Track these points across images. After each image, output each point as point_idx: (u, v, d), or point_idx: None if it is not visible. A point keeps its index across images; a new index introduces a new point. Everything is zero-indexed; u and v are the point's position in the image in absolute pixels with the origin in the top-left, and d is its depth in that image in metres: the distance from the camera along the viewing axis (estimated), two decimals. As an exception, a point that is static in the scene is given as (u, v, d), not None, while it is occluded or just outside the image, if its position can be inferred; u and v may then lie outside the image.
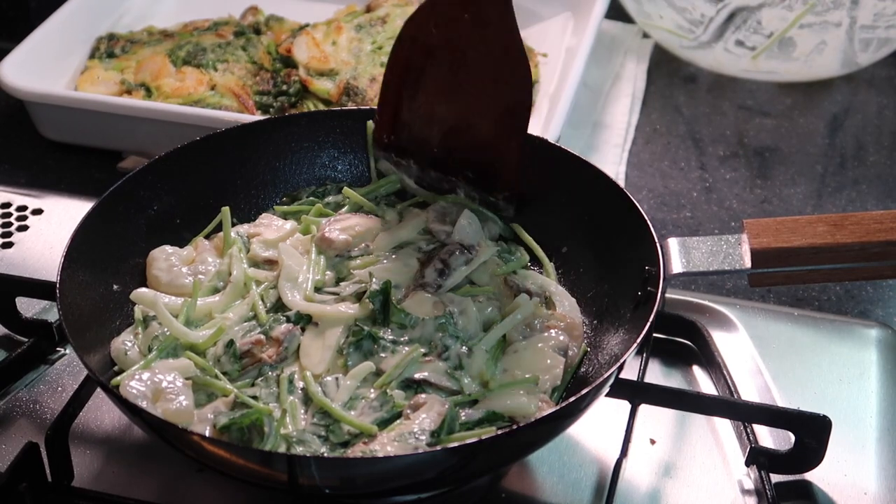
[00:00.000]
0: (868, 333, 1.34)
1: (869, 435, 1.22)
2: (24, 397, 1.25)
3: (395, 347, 1.14)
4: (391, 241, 1.27)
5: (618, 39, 1.93)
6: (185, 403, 1.09)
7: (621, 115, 1.78)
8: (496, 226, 1.31)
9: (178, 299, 1.20)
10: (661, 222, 1.58)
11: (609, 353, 1.17)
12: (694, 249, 1.21)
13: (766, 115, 1.81)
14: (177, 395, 1.09)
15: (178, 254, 1.25)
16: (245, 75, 1.69)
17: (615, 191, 1.25)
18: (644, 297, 1.15)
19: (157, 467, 1.17)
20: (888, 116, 1.81)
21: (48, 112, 1.63)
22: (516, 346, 1.17)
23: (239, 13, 1.86)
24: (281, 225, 1.30)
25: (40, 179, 1.63)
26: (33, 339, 1.27)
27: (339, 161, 1.37)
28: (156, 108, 1.57)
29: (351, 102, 1.64)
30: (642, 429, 1.22)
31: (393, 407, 1.10)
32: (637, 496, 1.16)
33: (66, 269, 1.14)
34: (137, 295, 1.20)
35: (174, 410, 1.08)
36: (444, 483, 1.10)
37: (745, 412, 1.18)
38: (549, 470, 1.18)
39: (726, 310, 1.35)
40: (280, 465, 1.02)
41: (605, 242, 1.25)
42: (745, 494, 1.16)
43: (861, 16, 1.69)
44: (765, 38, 1.74)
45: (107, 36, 1.77)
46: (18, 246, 1.46)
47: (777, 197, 1.63)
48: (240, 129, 1.34)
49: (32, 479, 1.10)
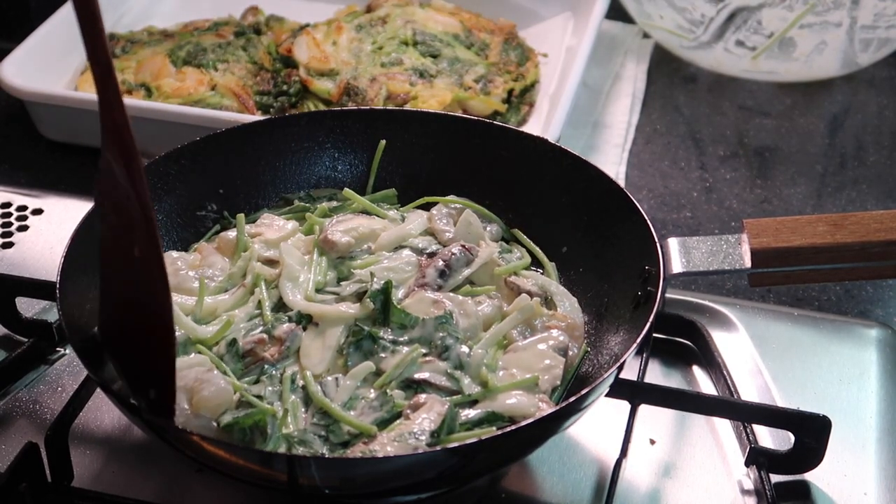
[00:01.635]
0: (868, 333, 1.34)
1: (869, 435, 1.22)
2: (24, 397, 1.25)
3: (395, 347, 1.14)
4: (393, 241, 1.27)
5: (618, 39, 1.93)
6: (222, 384, 1.09)
7: (621, 115, 1.78)
8: (498, 227, 1.32)
9: (189, 298, 1.20)
10: (661, 222, 1.58)
11: (609, 353, 1.17)
12: (694, 249, 1.22)
13: (766, 115, 1.81)
14: (210, 381, 1.09)
15: (183, 258, 1.26)
16: (245, 75, 1.69)
17: (615, 191, 1.25)
18: (644, 297, 1.16)
19: (157, 467, 1.17)
20: (888, 116, 1.81)
21: (48, 112, 1.63)
22: (516, 346, 1.17)
23: (239, 13, 1.86)
24: (282, 225, 1.29)
25: (40, 179, 1.63)
26: (33, 339, 1.27)
27: (339, 161, 1.37)
28: (156, 108, 1.57)
29: (351, 102, 1.64)
30: (642, 429, 1.21)
31: (393, 407, 1.09)
32: (637, 496, 1.16)
33: (66, 269, 1.14)
34: None
35: (214, 392, 1.08)
36: (445, 483, 1.10)
37: (744, 412, 1.18)
38: (549, 470, 1.18)
39: (726, 310, 1.35)
40: (280, 466, 1.02)
41: (605, 242, 1.25)
42: (744, 494, 1.16)
43: (861, 16, 1.69)
44: (765, 38, 1.74)
45: (107, 36, 1.77)
46: (18, 246, 1.46)
47: (777, 197, 1.63)
48: (240, 129, 1.34)
49: (32, 480, 1.10)
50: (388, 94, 1.65)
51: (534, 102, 1.71)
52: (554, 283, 1.26)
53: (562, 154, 1.30)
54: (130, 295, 1.05)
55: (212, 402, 1.08)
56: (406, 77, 1.68)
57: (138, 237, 1.00)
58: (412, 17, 1.80)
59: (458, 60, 1.72)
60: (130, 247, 1.01)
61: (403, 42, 1.75)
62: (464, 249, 1.24)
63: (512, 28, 1.83)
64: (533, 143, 1.32)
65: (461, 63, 1.72)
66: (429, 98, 1.63)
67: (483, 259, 1.25)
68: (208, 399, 1.08)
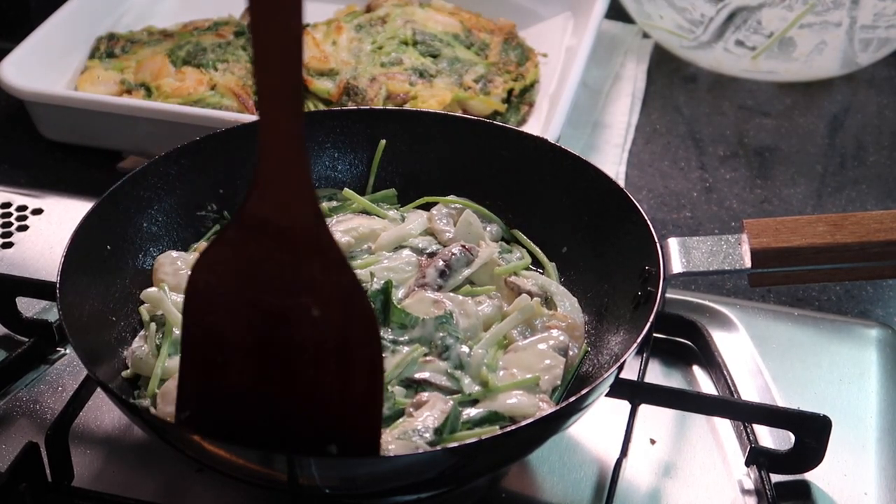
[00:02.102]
0: (868, 333, 1.34)
1: (869, 435, 1.22)
2: (24, 397, 1.25)
3: (395, 347, 1.14)
4: (393, 241, 1.27)
5: (618, 39, 1.93)
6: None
7: (621, 115, 1.78)
8: (498, 227, 1.32)
9: None
10: (661, 222, 1.58)
11: (609, 352, 1.17)
12: (694, 249, 1.22)
13: (766, 115, 1.81)
14: None
15: (183, 258, 1.25)
16: (245, 75, 1.69)
17: (615, 191, 1.25)
18: (644, 297, 1.16)
19: (157, 467, 1.16)
20: (888, 116, 1.81)
21: (48, 112, 1.63)
22: (517, 346, 1.17)
23: (239, 13, 1.86)
24: (281, 225, 1.29)
25: (40, 179, 1.63)
26: (33, 339, 1.27)
27: (339, 161, 1.37)
28: (156, 108, 1.57)
29: (351, 102, 1.64)
30: (642, 429, 1.21)
31: (394, 404, 1.09)
32: (637, 496, 1.16)
33: (66, 269, 1.13)
34: (147, 294, 1.20)
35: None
36: (445, 483, 1.10)
37: (745, 412, 1.18)
38: (549, 470, 1.18)
39: (726, 310, 1.35)
40: (280, 465, 1.02)
41: (605, 242, 1.25)
42: (745, 494, 1.16)
43: (861, 16, 1.69)
44: (765, 38, 1.74)
45: (107, 36, 1.77)
46: (18, 246, 1.46)
47: (777, 197, 1.63)
48: (240, 129, 1.34)
49: (32, 479, 1.10)
50: (388, 93, 1.65)
51: (533, 102, 1.71)
52: (554, 283, 1.26)
53: (562, 154, 1.30)
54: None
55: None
56: (406, 77, 1.68)
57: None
58: (412, 16, 1.80)
59: (457, 60, 1.72)
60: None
61: (403, 42, 1.75)
62: (464, 249, 1.24)
63: (512, 28, 1.83)
64: (533, 143, 1.32)
65: (461, 63, 1.72)
66: (428, 98, 1.63)
67: (483, 259, 1.25)
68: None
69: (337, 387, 0.97)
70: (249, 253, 0.92)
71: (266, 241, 0.91)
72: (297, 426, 0.99)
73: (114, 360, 1.17)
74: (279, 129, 0.86)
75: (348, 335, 0.95)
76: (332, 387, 0.97)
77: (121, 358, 1.18)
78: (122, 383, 1.16)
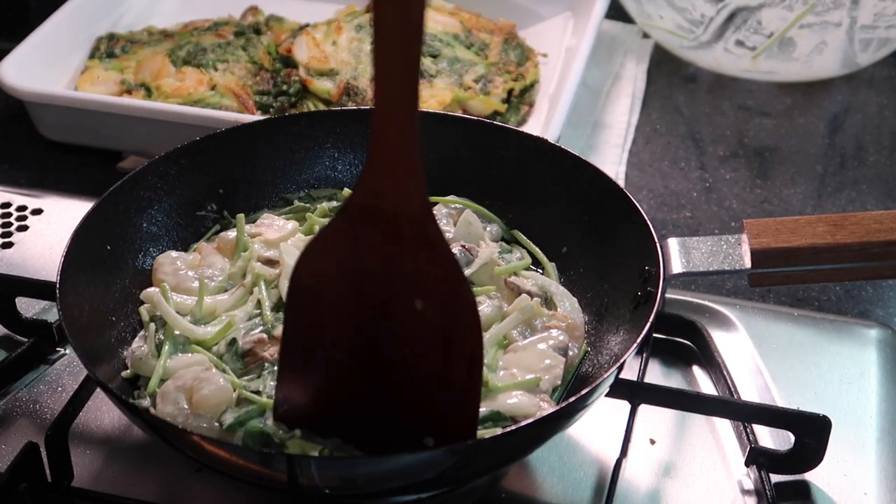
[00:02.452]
0: (868, 333, 1.34)
1: (869, 435, 1.22)
2: (24, 397, 1.25)
3: (395, 347, 1.14)
4: (392, 241, 1.27)
5: (618, 39, 1.93)
6: (221, 382, 1.09)
7: (621, 115, 1.78)
8: (498, 227, 1.32)
9: (189, 298, 1.20)
10: (661, 222, 1.58)
11: (609, 353, 1.17)
12: (694, 249, 1.22)
13: (766, 115, 1.81)
14: (209, 380, 1.09)
15: (183, 258, 1.26)
16: (245, 75, 1.69)
17: (615, 191, 1.25)
18: (644, 297, 1.15)
19: (157, 467, 1.16)
20: (888, 116, 1.81)
21: (48, 112, 1.63)
22: (517, 346, 1.17)
23: (239, 13, 1.86)
24: (283, 225, 1.29)
25: (40, 179, 1.63)
26: (33, 339, 1.27)
27: (339, 161, 1.37)
28: (156, 108, 1.57)
29: (351, 102, 1.64)
30: (642, 429, 1.21)
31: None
32: (637, 496, 1.16)
33: (66, 269, 1.14)
34: (147, 294, 1.20)
35: (213, 391, 1.08)
36: (445, 483, 1.10)
37: (744, 412, 1.18)
38: (549, 470, 1.18)
39: (726, 310, 1.35)
40: (280, 466, 1.02)
41: (605, 242, 1.25)
42: (744, 494, 1.16)
43: (861, 16, 1.69)
44: (765, 38, 1.74)
45: (107, 36, 1.78)
46: (18, 246, 1.46)
47: (777, 197, 1.63)
48: (240, 129, 1.34)
49: (32, 479, 1.10)
50: (388, 94, 1.65)
51: (533, 102, 1.71)
52: (554, 283, 1.26)
53: (562, 154, 1.30)
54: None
55: (211, 400, 1.08)
56: (406, 77, 1.67)
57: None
58: (412, 17, 1.80)
59: (457, 60, 1.72)
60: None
61: (403, 42, 1.75)
62: (464, 249, 1.24)
63: (512, 28, 1.83)
64: (533, 143, 1.32)
65: (461, 63, 1.72)
66: (428, 98, 1.63)
67: (483, 259, 1.24)
68: (208, 398, 1.08)
69: (436, 380, 0.96)
70: (355, 244, 0.91)
71: (373, 233, 0.89)
72: (395, 419, 0.99)
73: (114, 361, 1.17)
74: (395, 118, 0.84)
75: (450, 329, 0.94)
76: (431, 380, 0.96)
77: (121, 358, 1.18)
78: (122, 383, 1.16)
